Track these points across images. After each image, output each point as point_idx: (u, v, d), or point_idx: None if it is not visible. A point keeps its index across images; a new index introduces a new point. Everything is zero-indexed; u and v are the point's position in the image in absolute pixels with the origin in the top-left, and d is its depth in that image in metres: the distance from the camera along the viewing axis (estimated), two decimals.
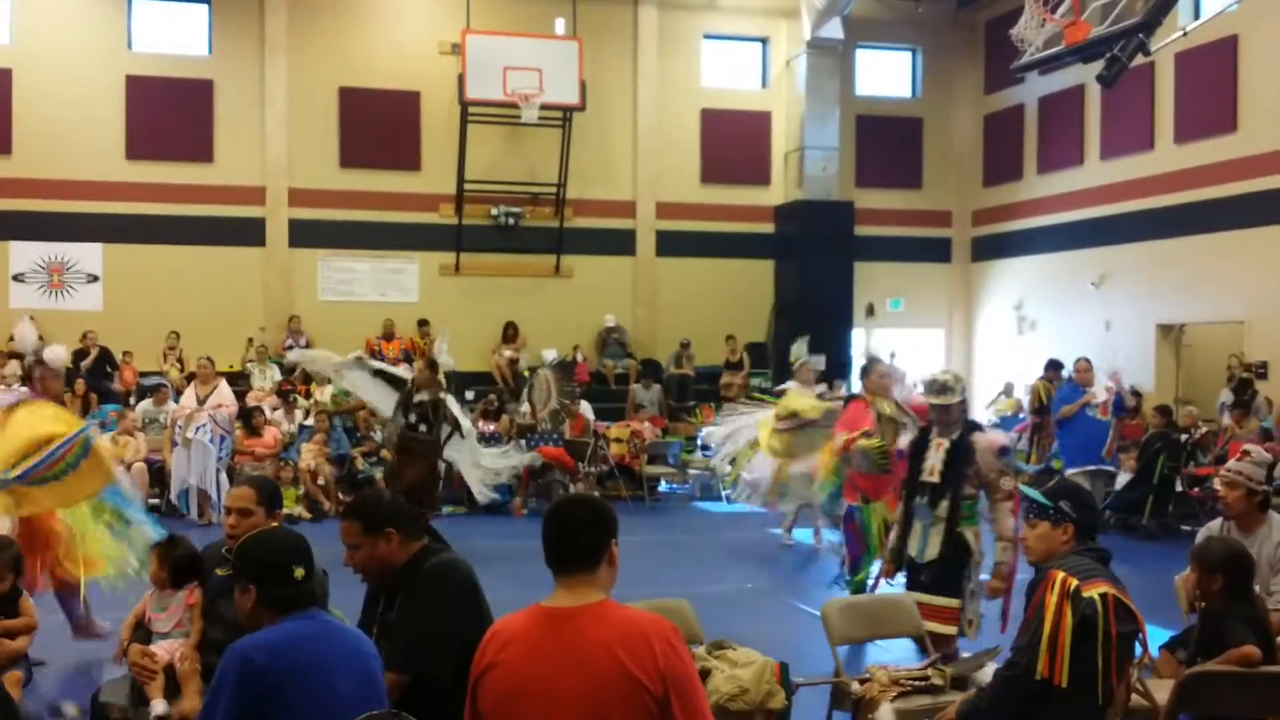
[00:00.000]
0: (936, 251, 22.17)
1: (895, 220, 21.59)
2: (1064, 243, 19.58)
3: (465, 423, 11.87)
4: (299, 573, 3.46)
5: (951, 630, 6.02)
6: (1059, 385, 14.63)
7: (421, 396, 11.24)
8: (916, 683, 4.83)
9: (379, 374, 12.18)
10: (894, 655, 6.26)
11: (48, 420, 6.71)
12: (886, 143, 21.64)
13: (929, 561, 6.18)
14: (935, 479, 6.27)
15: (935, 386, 6.45)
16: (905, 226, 21.71)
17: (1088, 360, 13.23)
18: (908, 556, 6.39)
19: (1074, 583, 3.98)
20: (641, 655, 2.97)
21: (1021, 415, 17.71)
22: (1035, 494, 4.37)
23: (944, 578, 6.17)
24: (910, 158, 21.95)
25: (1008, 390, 19.43)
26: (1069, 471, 12.75)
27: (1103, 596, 3.96)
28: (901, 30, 21.84)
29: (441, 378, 12.14)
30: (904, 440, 6.91)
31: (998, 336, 21.43)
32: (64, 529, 6.60)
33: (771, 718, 4.55)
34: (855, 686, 4.93)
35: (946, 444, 6.30)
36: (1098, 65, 9.94)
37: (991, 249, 21.68)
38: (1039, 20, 10.53)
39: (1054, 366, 15.85)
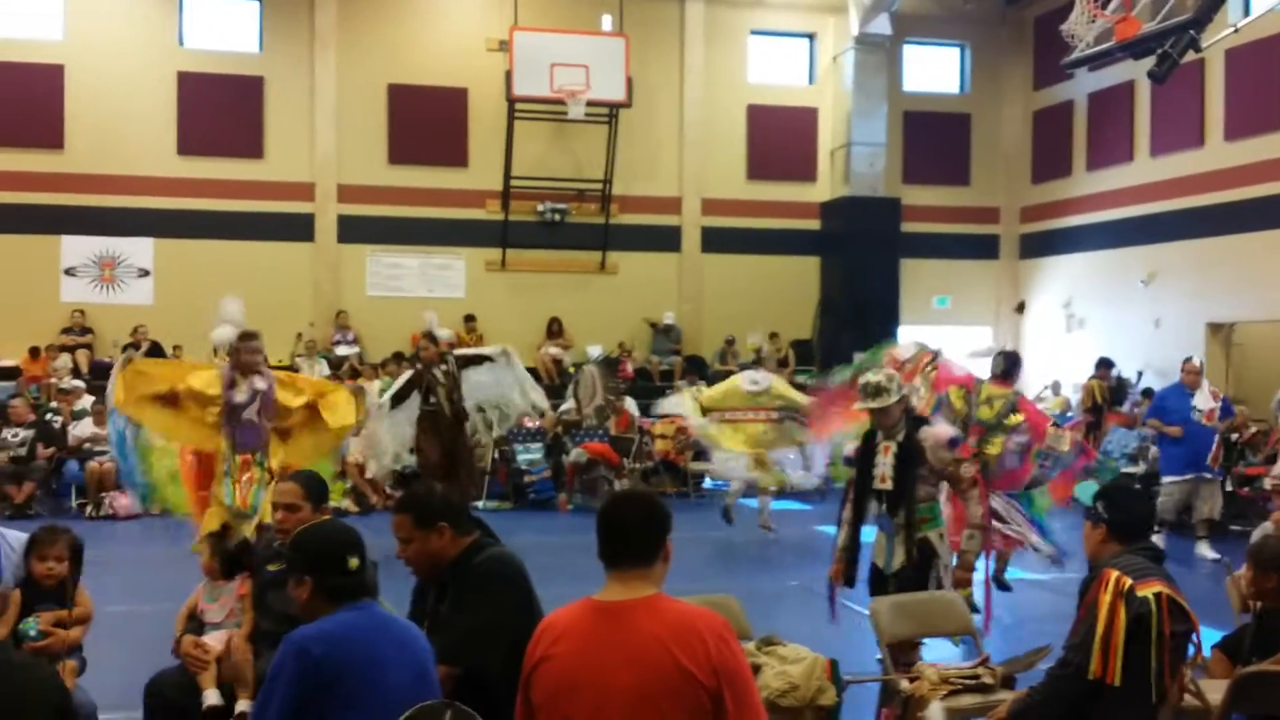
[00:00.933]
0: (984, 248, 22.02)
1: (942, 217, 21.48)
2: (1113, 240, 19.39)
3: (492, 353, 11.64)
4: (353, 563, 3.51)
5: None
6: (1166, 388, 13.81)
7: (436, 372, 10.98)
8: (966, 681, 4.80)
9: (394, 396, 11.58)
10: (940, 654, 6.22)
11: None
12: (934, 139, 21.51)
13: (895, 571, 5.91)
14: (888, 486, 5.97)
15: (869, 389, 6.06)
16: (952, 223, 21.59)
17: (1198, 362, 11.94)
18: (875, 567, 6.10)
19: (1128, 582, 3.96)
20: (694, 649, 2.98)
21: (1070, 414, 17.55)
22: (1084, 493, 4.37)
23: (910, 585, 5.87)
24: (958, 154, 21.81)
25: (1055, 388, 19.26)
26: (1124, 469, 12.62)
27: (1156, 596, 3.94)
28: (950, 26, 21.70)
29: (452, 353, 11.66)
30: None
31: (1046, 334, 21.24)
32: None
33: (821, 714, 4.54)
34: (904, 684, 4.91)
35: (894, 446, 6.00)
36: (1148, 62, 9.84)
37: (1040, 246, 21.50)
38: (1089, 16, 10.43)
39: (1105, 364, 15.72)
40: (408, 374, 11.71)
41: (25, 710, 2.86)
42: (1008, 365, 8.61)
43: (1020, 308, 21.64)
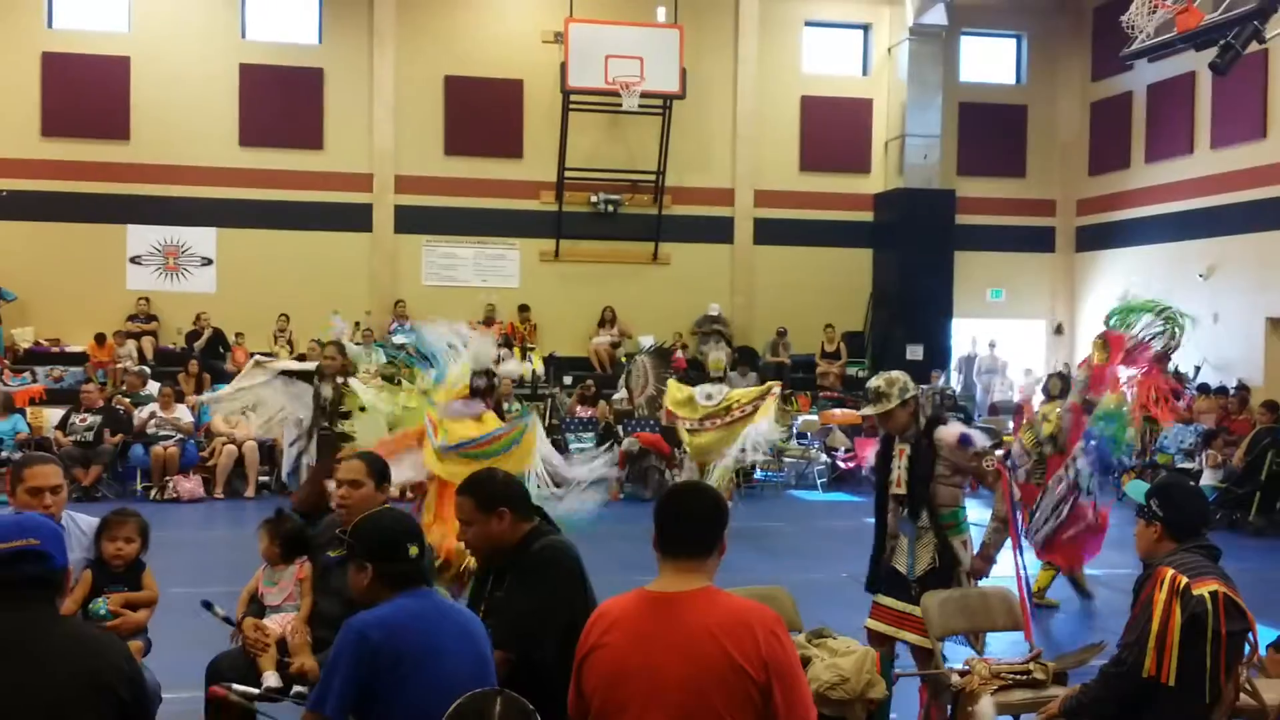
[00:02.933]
0: (1040, 241, 21.81)
1: (998, 209, 21.31)
2: (1171, 233, 19.13)
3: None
4: (413, 551, 3.57)
5: (928, 644, 5.51)
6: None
7: (325, 388, 10.12)
8: (1018, 676, 4.80)
9: (288, 374, 10.43)
10: (991, 649, 6.22)
11: (491, 420, 7.60)
12: (990, 130, 21.33)
13: (919, 576, 5.72)
14: (902, 490, 5.81)
15: (868, 395, 5.93)
16: (1008, 215, 21.42)
17: None
18: (896, 571, 5.89)
19: (1184, 580, 3.93)
20: (745, 642, 3.01)
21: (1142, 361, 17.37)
22: (1136, 491, 4.34)
23: (932, 590, 5.65)
24: (1014, 146, 21.62)
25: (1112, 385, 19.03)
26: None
27: (1213, 594, 3.91)
28: (1007, 16, 21.50)
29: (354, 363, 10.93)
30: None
31: (1102, 328, 20.97)
32: None
33: (871, 707, 4.54)
34: (955, 678, 4.91)
35: (907, 450, 5.83)
36: (1209, 53, 9.73)
37: (1096, 239, 21.26)
38: (1150, 6, 10.33)
39: (1162, 359, 15.51)
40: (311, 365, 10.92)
41: (101, 680, 2.95)
42: (1064, 385, 9.68)
43: (1059, 329, 21.39)
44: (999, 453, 5.74)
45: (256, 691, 4.37)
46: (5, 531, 3.07)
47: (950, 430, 5.70)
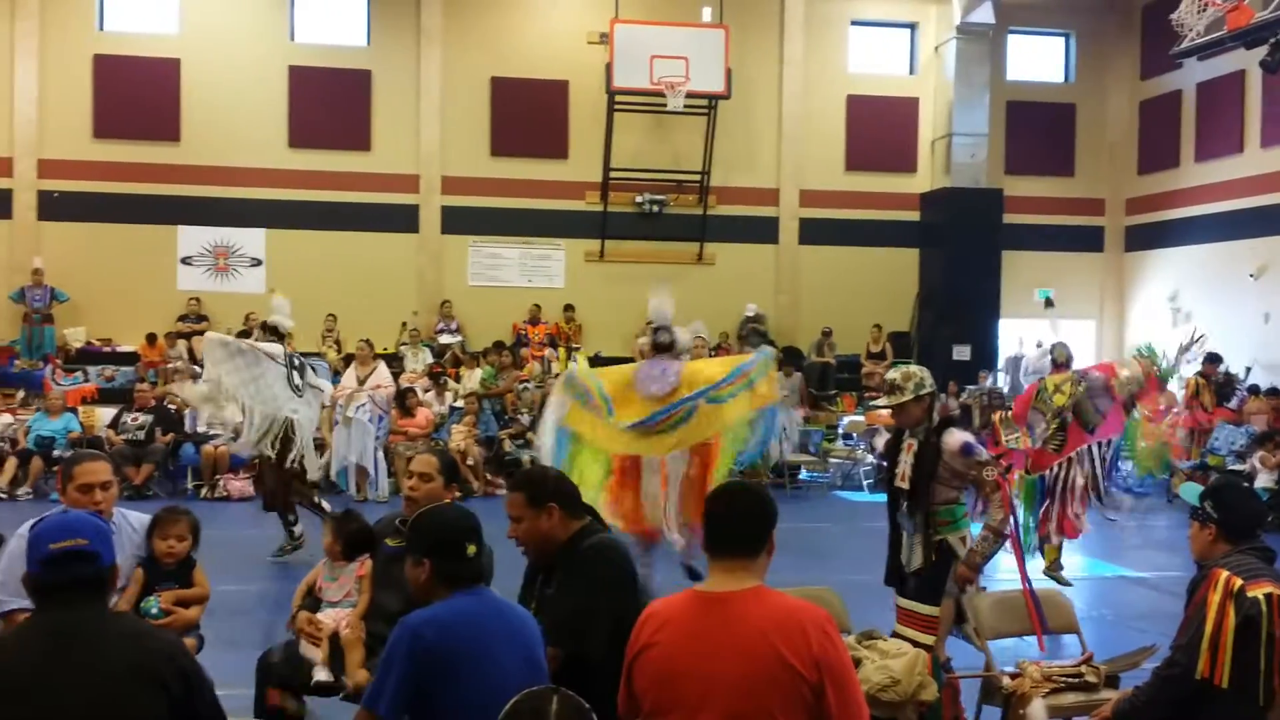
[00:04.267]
0: (1088, 240, 21.62)
1: (1046, 208, 21.15)
2: (1222, 232, 18.92)
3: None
4: (471, 550, 3.59)
5: (929, 640, 5.51)
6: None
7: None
8: (1069, 679, 4.78)
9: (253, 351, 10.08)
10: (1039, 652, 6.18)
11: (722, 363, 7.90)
12: (1038, 129, 21.18)
13: (915, 570, 5.79)
14: (905, 485, 5.86)
15: (884, 388, 6.01)
16: (1056, 215, 21.26)
17: None
18: (899, 563, 5.98)
19: (1238, 582, 3.90)
20: (797, 642, 3.02)
21: (1175, 410, 17.17)
22: (1189, 493, 4.31)
23: (926, 585, 5.73)
24: (1062, 144, 21.45)
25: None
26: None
27: (1267, 596, 3.88)
28: (1055, 14, 21.33)
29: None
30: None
31: (1151, 328, 20.78)
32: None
33: (922, 709, 4.55)
34: (1006, 681, 4.90)
35: (915, 445, 5.86)
36: (1260, 51, 9.63)
37: (1146, 238, 21.05)
38: (1200, 4, 10.25)
39: (1213, 360, 15.37)
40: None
41: (151, 675, 3.00)
42: (1066, 354, 9.67)
43: (1049, 303, 20.94)
44: (1001, 463, 5.70)
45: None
46: (54, 532, 3.11)
47: (954, 437, 5.70)
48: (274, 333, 10.51)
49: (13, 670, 2.92)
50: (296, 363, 10.32)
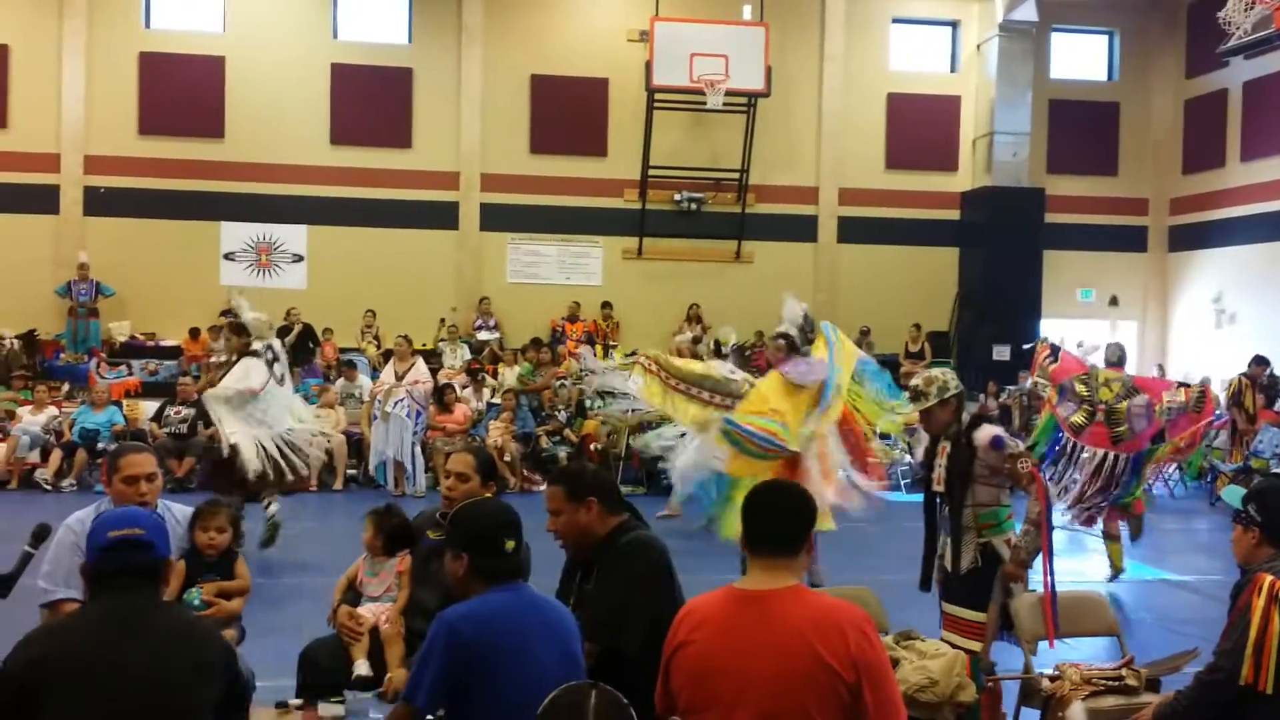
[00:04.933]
0: (1131, 240, 21.42)
1: (1088, 208, 20.97)
2: (1267, 233, 18.69)
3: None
4: (509, 545, 3.61)
5: (975, 646, 5.43)
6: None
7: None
8: (1109, 682, 4.74)
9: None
10: (1082, 654, 6.13)
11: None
12: (1081, 128, 21.00)
13: (961, 574, 5.73)
14: (942, 487, 5.82)
15: (910, 394, 6.06)
16: (1099, 214, 21.08)
17: None
18: (944, 568, 5.90)
19: None
20: (835, 642, 3.02)
21: (1218, 412, 16.97)
22: (1232, 497, 4.26)
23: (971, 590, 5.67)
24: (1105, 143, 21.25)
25: (1204, 386, 18.61)
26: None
27: None
28: (1099, 12, 21.15)
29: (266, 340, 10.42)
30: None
31: (1194, 330, 20.58)
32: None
33: (960, 710, 4.52)
34: (1046, 683, 4.87)
35: (948, 448, 5.83)
36: None
37: (1190, 238, 20.82)
38: (1247, 2, 10.13)
39: (1259, 362, 15.19)
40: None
41: (201, 664, 3.08)
42: (1121, 353, 9.74)
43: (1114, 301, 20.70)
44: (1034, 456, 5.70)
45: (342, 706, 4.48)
46: (113, 522, 3.25)
47: (984, 432, 5.67)
48: (243, 332, 10.37)
49: (71, 653, 2.99)
50: (272, 355, 10.31)
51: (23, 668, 2.96)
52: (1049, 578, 5.44)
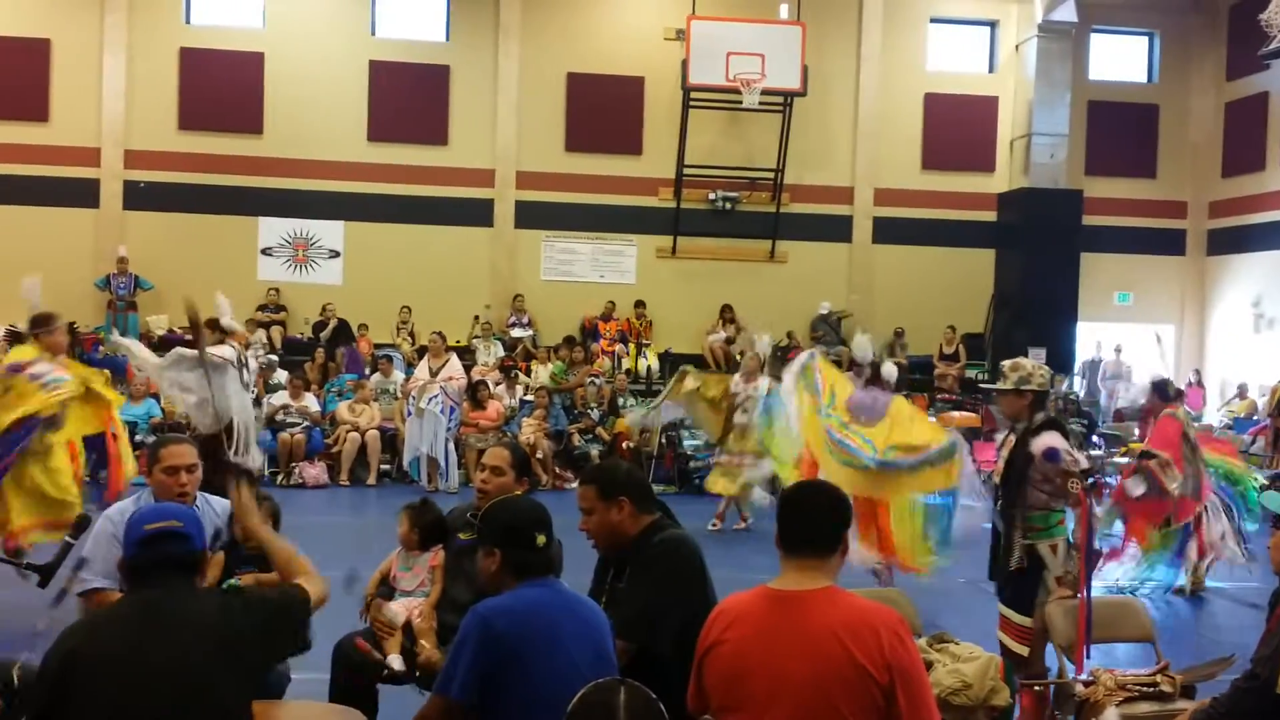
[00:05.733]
0: (1169, 244, 21.22)
1: (1126, 210, 20.80)
2: None
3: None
4: (540, 540, 3.64)
5: (1022, 650, 5.43)
6: None
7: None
8: (1144, 688, 4.70)
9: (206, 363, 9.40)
10: (1117, 660, 6.09)
11: (923, 425, 7.89)
12: (1119, 130, 20.81)
13: (1008, 574, 5.68)
14: (997, 481, 5.76)
15: (998, 371, 5.91)
16: (1137, 217, 20.90)
17: None
18: (996, 562, 5.88)
19: None
20: (868, 644, 3.01)
21: (1256, 418, 16.83)
22: (1272, 502, 4.23)
23: (1018, 593, 5.62)
24: (1144, 146, 21.07)
25: (1241, 392, 18.48)
26: None
27: None
28: (1139, 14, 20.96)
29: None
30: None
31: (1233, 335, 20.37)
32: (888, 520, 7.58)
33: (994, 714, 4.50)
34: (1079, 689, 4.84)
35: (1013, 441, 5.74)
36: None
37: (1229, 242, 20.61)
38: None
39: None
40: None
41: (239, 654, 3.12)
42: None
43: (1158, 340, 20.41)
44: (1089, 480, 5.50)
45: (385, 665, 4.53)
46: (149, 516, 3.31)
47: (1041, 440, 5.54)
48: (217, 329, 10.32)
49: (107, 644, 3.04)
50: (243, 359, 10.33)
51: (58, 660, 3.00)
52: (1086, 595, 5.39)
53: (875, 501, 7.52)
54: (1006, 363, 5.91)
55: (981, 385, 6.54)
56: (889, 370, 9.42)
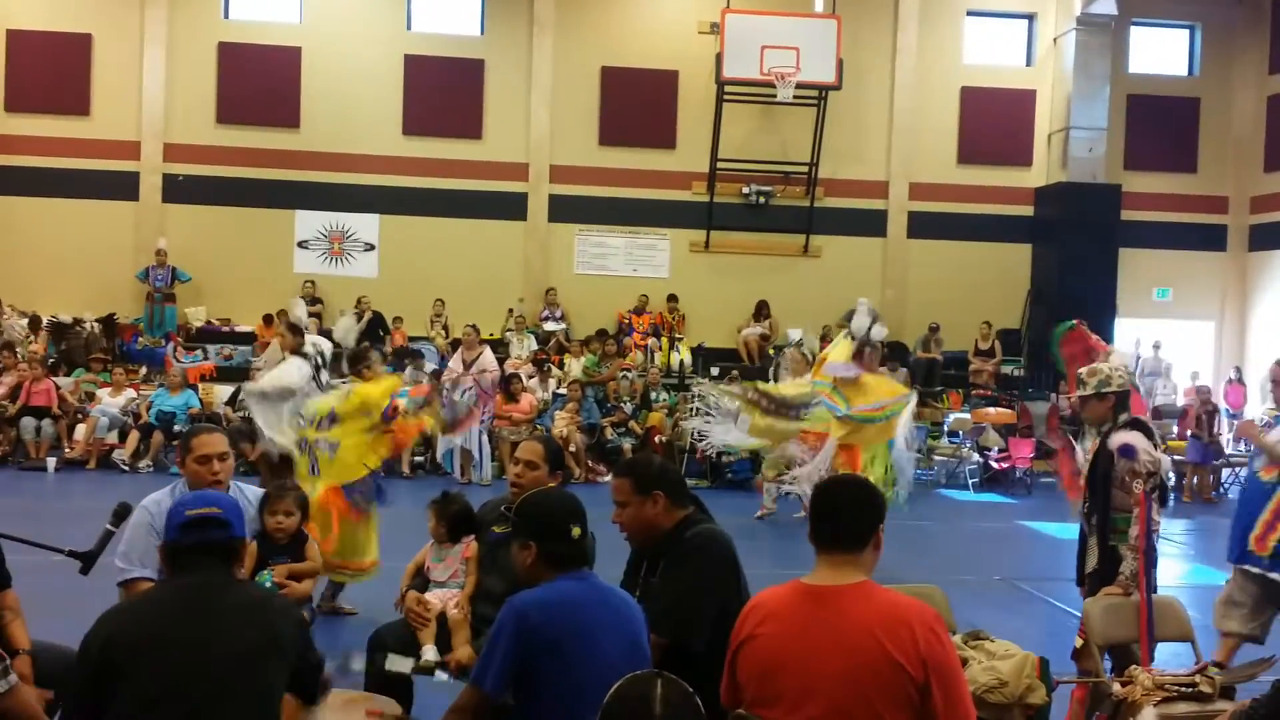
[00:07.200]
0: (1210, 239, 20.99)
1: (1166, 205, 20.57)
2: None
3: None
4: (575, 532, 3.64)
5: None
6: None
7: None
8: (1183, 688, 4.65)
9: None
10: (1157, 659, 6.02)
11: (887, 391, 9.96)
12: (1159, 124, 20.59)
13: (1087, 575, 5.68)
14: (1082, 483, 5.75)
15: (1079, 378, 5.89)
16: (1177, 212, 20.67)
17: None
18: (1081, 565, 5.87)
19: None
20: (903, 639, 2.99)
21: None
22: None
23: (1092, 592, 5.58)
24: (1185, 140, 20.83)
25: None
26: None
27: None
28: (1179, 6, 20.73)
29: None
30: None
31: (1275, 331, 20.12)
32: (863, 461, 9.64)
33: (1030, 713, 4.46)
34: (1116, 688, 4.78)
35: (1096, 444, 5.71)
36: None
37: (1271, 238, 20.36)
38: None
39: None
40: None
41: (276, 641, 3.15)
42: None
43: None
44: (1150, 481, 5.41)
45: (411, 664, 4.54)
46: (191, 502, 3.36)
47: (1118, 437, 5.52)
48: (297, 332, 10.42)
49: (144, 630, 3.07)
50: (321, 361, 10.26)
51: (99, 645, 3.03)
52: (1146, 596, 5.32)
53: (850, 447, 9.53)
54: (1083, 370, 5.87)
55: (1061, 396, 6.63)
56: (877, 332, 10.28)
